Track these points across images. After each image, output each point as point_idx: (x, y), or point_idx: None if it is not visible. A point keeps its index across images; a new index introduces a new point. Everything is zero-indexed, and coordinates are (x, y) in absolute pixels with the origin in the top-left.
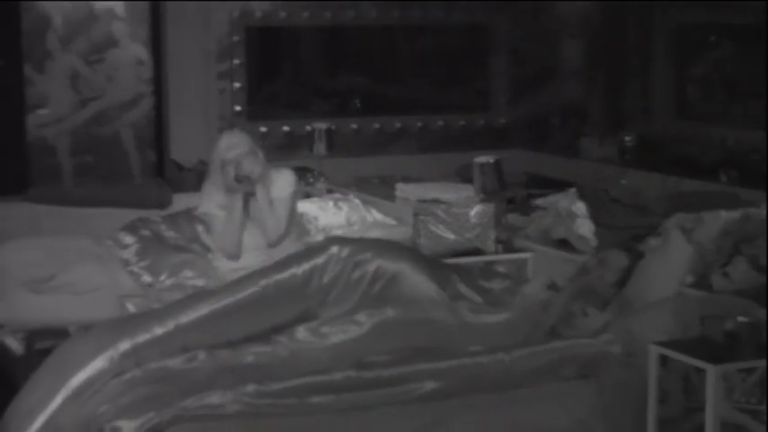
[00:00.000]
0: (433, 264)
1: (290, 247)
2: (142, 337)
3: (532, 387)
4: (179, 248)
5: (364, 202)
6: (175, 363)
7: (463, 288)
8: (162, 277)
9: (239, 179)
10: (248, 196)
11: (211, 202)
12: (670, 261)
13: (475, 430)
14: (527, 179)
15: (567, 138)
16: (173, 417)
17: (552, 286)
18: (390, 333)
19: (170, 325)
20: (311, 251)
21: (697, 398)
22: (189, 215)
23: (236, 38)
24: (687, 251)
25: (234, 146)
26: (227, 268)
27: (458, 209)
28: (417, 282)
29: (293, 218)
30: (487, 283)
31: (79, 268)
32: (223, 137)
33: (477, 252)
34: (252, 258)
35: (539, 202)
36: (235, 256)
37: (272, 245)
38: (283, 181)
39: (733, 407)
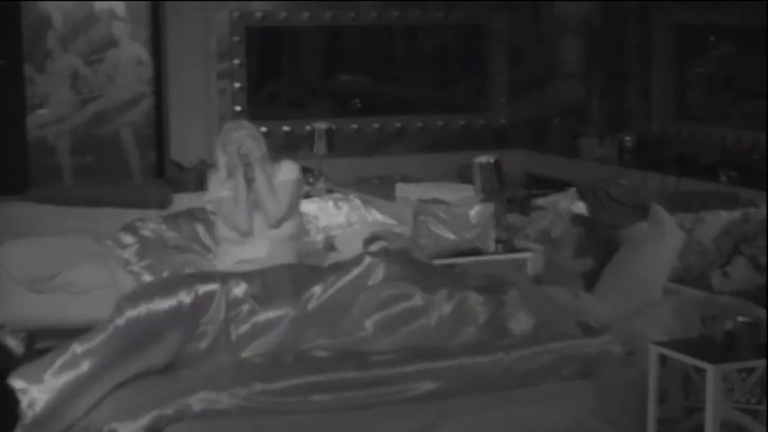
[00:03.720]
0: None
1: (291, 235)
2: None
3: (532, 387)
4: (179, 248)
5: (364, 202)
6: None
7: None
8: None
9: (239, 158)
10: (251, 181)
11: (217, 187)
12: (663, 247)
13: (475, 430)
14: (527, 179)
15: (567, 138)
16: (172, 416)
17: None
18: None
19: None
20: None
21: (697, 398)
22: (189, 215)
23: (236, 38)
24: (680, 237)
25: (236, 128)
26: (231, 262)
27: (458, 209)
28: None
29: (295, 204)
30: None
31: (79, 268)
32: (228, 123)
33: (477, 252)
34: (256, 248)
35: (539, 202)
36: (247, 233)
37: (273, 226)
38: (287, 168)
39: (733, 407)
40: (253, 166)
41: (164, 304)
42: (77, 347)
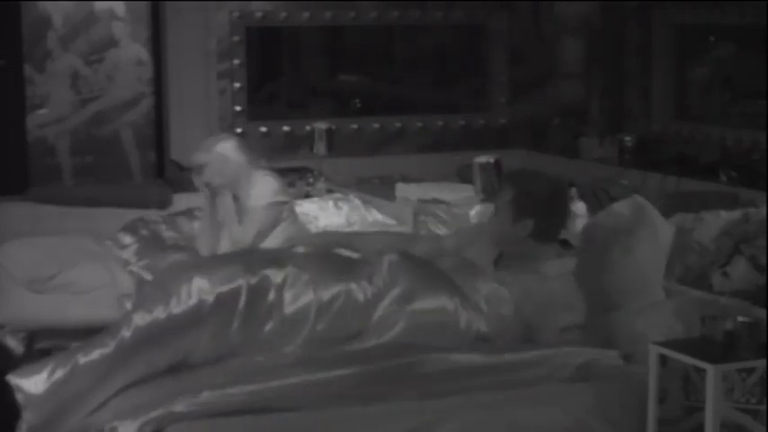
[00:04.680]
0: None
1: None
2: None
3: (532, 387)
4: (179, 248)
5: (364, 202)
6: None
7: None
8: None
9: (202, 184)
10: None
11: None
12: (658, 247)
13: (475, 430)
14: None
15: (567, 138)
16: (173, 416)
17: None
18: None
19: None
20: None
21: (697, 398)
22: (189, 215)
23: (236, 38)
24: (671, 231)
25: (204, 150)
26: None
27: (458, 209)
28: None
29: (268, 229)
30: None
31: (79, 268)
32: (206, 140)
33: None
34: None
35: None
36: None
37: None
38: (261, 190)
39: (733, 407)
40: (217, 191)
41: (180, 307)
42: (81, 358)
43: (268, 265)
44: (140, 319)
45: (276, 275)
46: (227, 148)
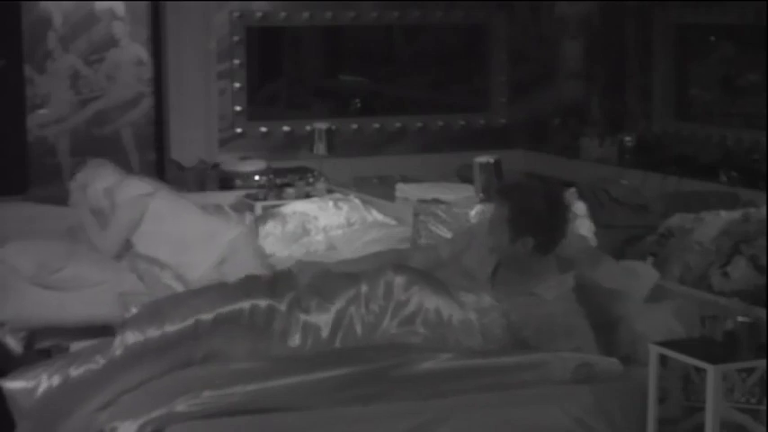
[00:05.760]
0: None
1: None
2: None
3: (532, 387)
4: None
5: (364, 202)
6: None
7: None
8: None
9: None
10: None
11: None
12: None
13: (475, 430)
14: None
15: (567, 138)
16: (173, 416)
17: None
18: None
19: None
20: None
21: (697, 398)
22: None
23: (236, 38)
24: (654, 277)
25: (73, 180)
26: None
27: (458, 209)
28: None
29: (134, 222)
30: None
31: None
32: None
33: None
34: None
35: None
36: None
37: (113, 256)
38: (121, 193)
39: (733, 407)
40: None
41: (175, 327)
42: (72, 371)
43: (270, 291)
44: (132, 338)
45: (278, 300)
46: (88, 176)
